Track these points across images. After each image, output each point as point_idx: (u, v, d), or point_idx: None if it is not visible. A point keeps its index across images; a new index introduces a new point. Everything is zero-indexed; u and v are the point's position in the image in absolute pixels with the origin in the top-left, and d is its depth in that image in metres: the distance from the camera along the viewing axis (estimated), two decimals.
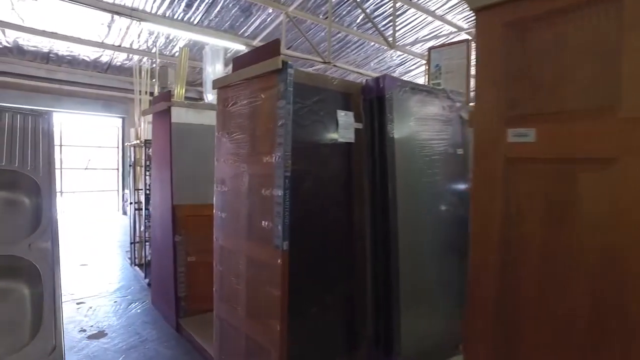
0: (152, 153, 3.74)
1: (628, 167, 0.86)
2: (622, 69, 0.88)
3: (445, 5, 6.51)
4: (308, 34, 6.70)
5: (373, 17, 6.41)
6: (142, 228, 4.60)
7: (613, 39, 0.90)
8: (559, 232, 0.98)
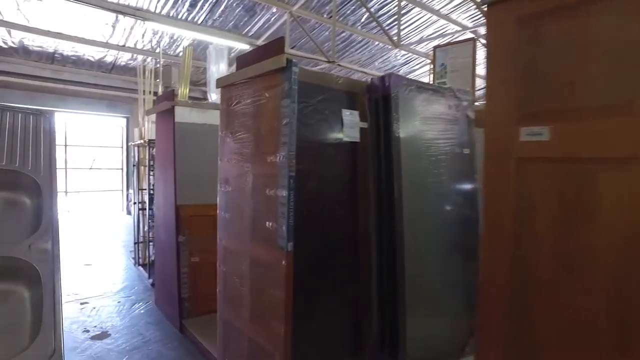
0: (155, 153, 3.73)
1: None
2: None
3: (450, 4, 6.46)
4: (312, 34, 6.67)
5: (377, 16, 6.37)
6: (146, 228, 4.59)
7: (630, 35, 0.86)
8: (575, 231, 0.95)
